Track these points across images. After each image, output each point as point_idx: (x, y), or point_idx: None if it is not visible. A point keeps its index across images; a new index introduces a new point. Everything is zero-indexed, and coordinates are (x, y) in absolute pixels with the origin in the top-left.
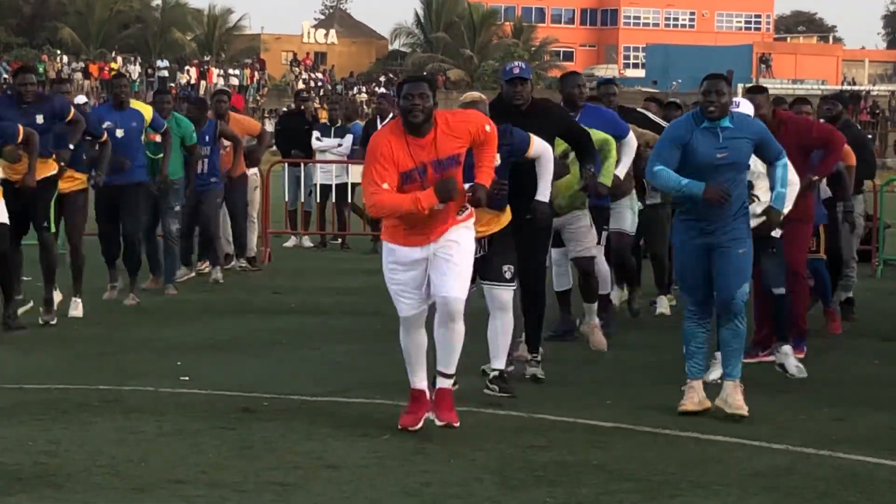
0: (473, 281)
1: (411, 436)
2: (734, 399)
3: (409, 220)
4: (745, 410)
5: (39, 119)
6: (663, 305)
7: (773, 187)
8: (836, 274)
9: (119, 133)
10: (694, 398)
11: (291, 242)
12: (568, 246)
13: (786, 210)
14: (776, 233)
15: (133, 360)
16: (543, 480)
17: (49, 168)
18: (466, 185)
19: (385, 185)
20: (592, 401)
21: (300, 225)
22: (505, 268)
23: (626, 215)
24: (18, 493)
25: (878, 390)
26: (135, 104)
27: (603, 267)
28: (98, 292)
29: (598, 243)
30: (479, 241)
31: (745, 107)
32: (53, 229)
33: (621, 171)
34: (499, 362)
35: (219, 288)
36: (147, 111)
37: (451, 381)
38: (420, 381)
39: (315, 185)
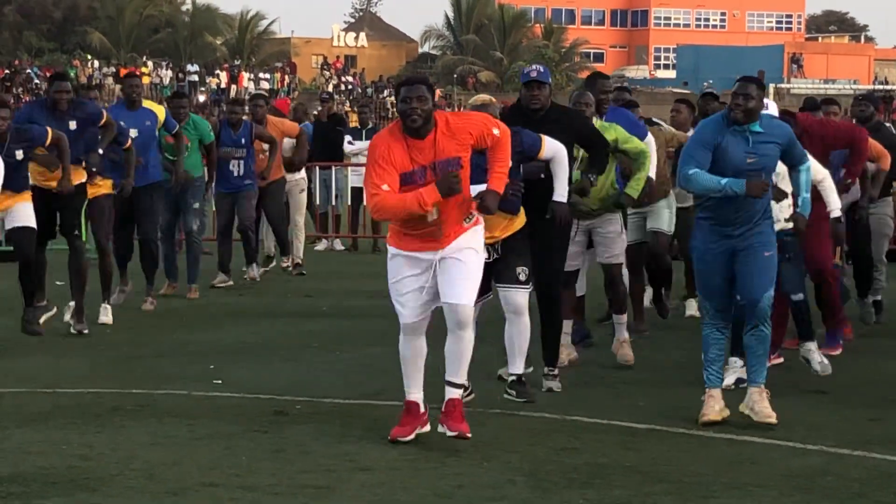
0: (487, 290)
1: (444, 438)
2: (761, 407)
3: (417, 226)
4: (774, 418)
5: (73, 125)
6: (692, 308)
7: (798, 193)
8: (866, 278)
9: (133, 133)
10: (714, 407)
11: (323, 246)
12: (596, 250)
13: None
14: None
15: (166, 363)
16: (576, 482)
17: (79, 175)
18: (475, 191)
19: (385, 187)
20: (625, 402)
21: (331, 228)
22: (519, 269)
23: (664, 215)
24: (53, 497)
25: None
26: (147, 104)
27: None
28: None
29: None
30: (492, 245)
31: (772, 109)
32: (84, 237)
33: (647, 174)
34: (516, 367)
35: (251, 291)
36: (160, 111)
37: (461, 392)
38: (415, 393)
39: (346, 188)
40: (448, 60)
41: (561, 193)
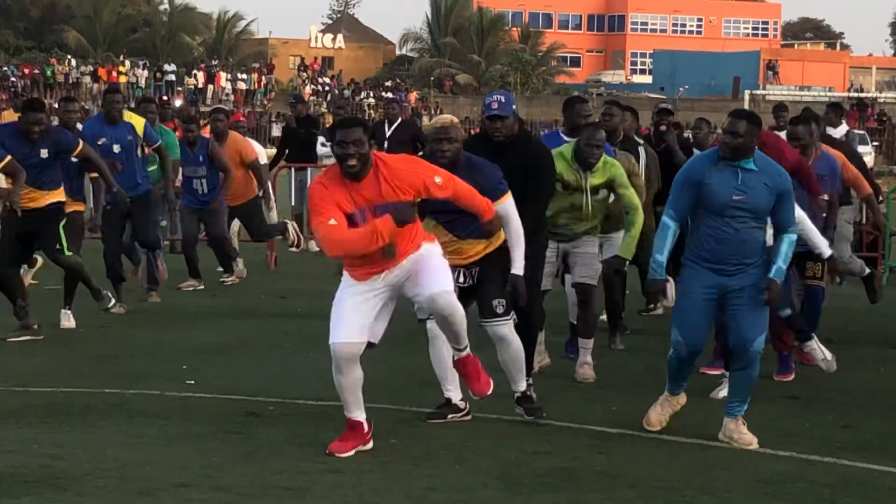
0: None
1: (416, 441)
2: (740, 435)
3: (365, 265)
4: (755, 445)
5: (44, 153)
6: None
7: (775, 262)
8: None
9: (116, 149)
10: (662, 408)
11: (295, 248)
12: (572, 270)
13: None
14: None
15: (138, 363)
16: (548, 486)
17: (54, 196)
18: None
19: (332, 221)
20: (597, 406)
21: (306, 229)
22: (495, 303)
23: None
24: (23, 496)
25: (883, 398)
26: (127, 116)
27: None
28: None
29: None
30: (467, 268)
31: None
32: (67, 252)
33: (638, 231)
34: (518, 384)
35: (224, 292)
36: (139, 123)
37: (467, 351)
38: (357, 414)
39: None
40: (425, 63)
41: (517, 265)
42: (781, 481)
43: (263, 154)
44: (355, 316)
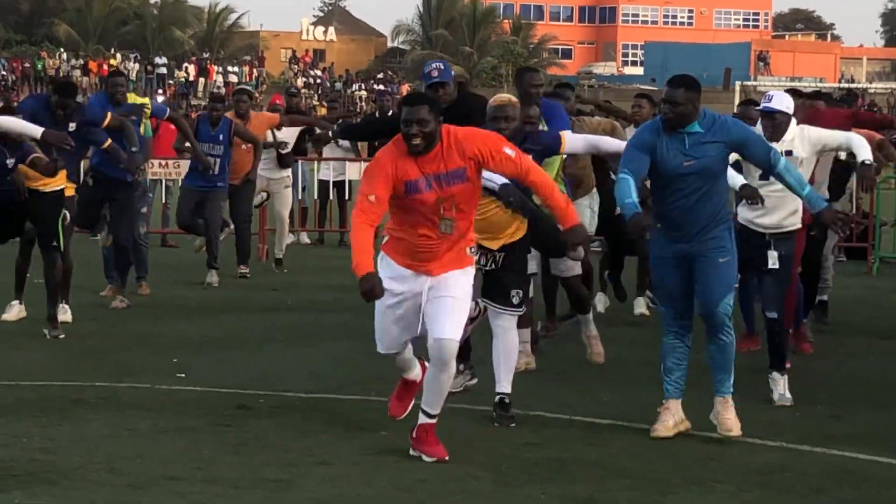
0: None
1: (406, 432)
2: (723, 419)
3: (410, 247)
4: (735, 431)
5: (72, 126)
6: (641, 306)
7: (801, 192)
8: (815, 280)
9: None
10: (668, 422)
11: (289, 239)
12: (550, 263)
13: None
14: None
15: (129, 357)
16: (538, 477)
17: (61, 178)
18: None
19: (371, 198)
20: (588, 398)
21: (298, 222)
22: (513, 292)
23: (585, 214)
24: (13, 490)
25: (873, 388)
26: (131, 98)
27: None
28: (95, 289)
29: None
30: (494, 253)
31: (780, 101)
32: (62, 247)
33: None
34: (503, 386)
35: (216, 285)
36: (145, 102)
37: (434, 420)
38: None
39: (314, 182)
40: (417, 55)
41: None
42: (772, 471)
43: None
44: (394, 328)
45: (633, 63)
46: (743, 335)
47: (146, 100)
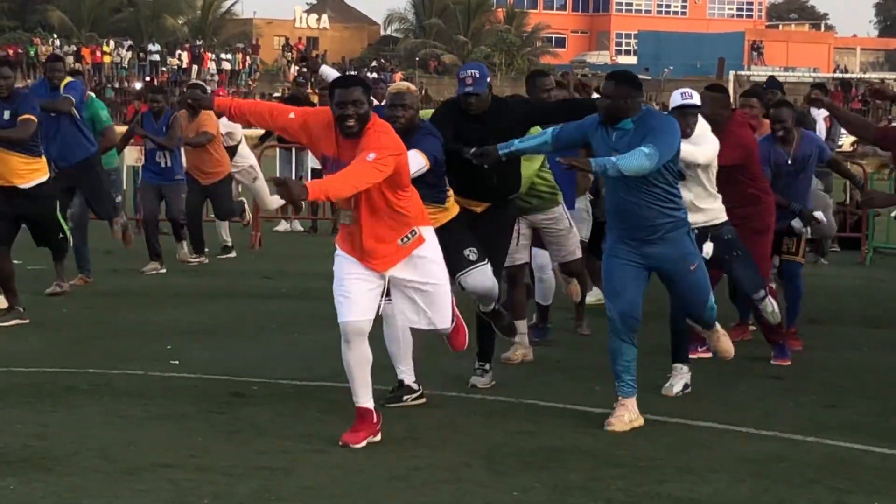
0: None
1: (400, 421)
2: (718, 341)
3: (348, 238)
4: (730, 353)
5: (6, 115)
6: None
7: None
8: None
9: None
10: (624, 417)
11: (283, 227)
12: (549, 251)
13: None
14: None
15: (122, 343)
16: (532, 466)
17: (40, 172)
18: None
19: (291, 115)
20: (581, 386)
21: (291, 209)
22: (467, 251)
23: (580, 217)
24: (7, 476)
25: (866, 377)
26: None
27: (549, 275)
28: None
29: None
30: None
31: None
32: (69, 234)
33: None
34: (486, 305)
35: (208, 272)
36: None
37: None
38: (365, 401)
39: (307, 169)
40: (410, 44)
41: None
42: (765, 461)
43: (239, 131)
44: (360, 296)
45: (627, 52)
46: (735, 324)
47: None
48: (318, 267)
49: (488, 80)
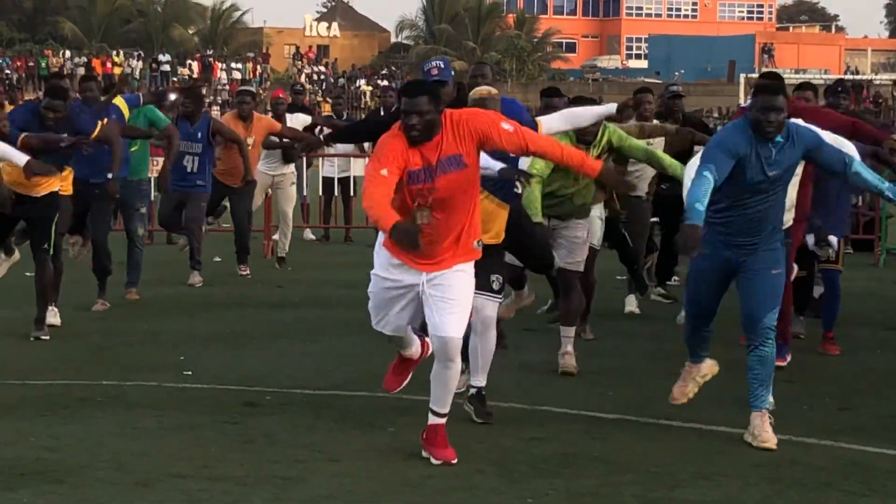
0: None
1: (413, 429)
2: (761, 431)
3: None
4: (771, 444)
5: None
6: (632, 304)
7: (878, 187)
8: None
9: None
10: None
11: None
12: (558, 253)
13: None
14: None
15: (135, 354)
16: (545, 472)
17: (53, 184)
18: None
19: (384, 171)
20: (593, 392)
21: (303, 218)
22: (493, 277)
23: (595, 225)
24: (20, 489)
25: (880, 380)
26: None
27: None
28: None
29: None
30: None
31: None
32: (52, 251)
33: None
34: (478, 380)
35: (221, 282)
36: (122, 103)
37: (444, 420)
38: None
39: (318, 178)
40: (421, 50)
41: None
42: (779, 465)
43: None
44: (393, 311)
45: (637, 56)
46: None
47: (122, 101)
48: (330, 275)
49: (452, 72)
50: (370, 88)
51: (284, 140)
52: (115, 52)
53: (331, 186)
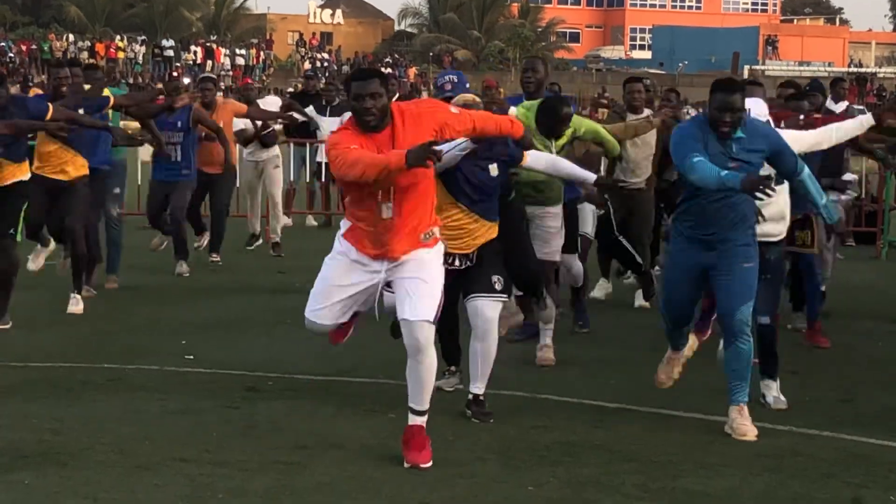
0: (455, 300)
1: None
2: (739, 424)
3: (371, 231)
4: (751, 436)
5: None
6: (639, 299)
7: (816, 202)
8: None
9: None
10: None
11: (283, 221)
12: (534, 244)
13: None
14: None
15: (138, 339)
16: (546, 460)
17: (21, 171)
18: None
19: (354, 146)
20: (596, 381)
21: (305, 204)
22: (495, 278)
23: (588, 216)
24: (22, 471)
25: (882, 372)
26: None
27: (576, 264)
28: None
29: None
30: (467, 254)
31: (758, 107)
32: (20, 238)
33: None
34: (477, 387)
35: (223, 268)
36: (107, 92)
37: (424, 419)
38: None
39: (316, 163)
40: (425, 39)
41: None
42: (781, 456)
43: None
44: (337, 297)
45: (641, 47)
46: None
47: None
48: None
49: (467, 85)
50: None
51: (257, 123)
52: (118, 37)
53: (329, 172)
